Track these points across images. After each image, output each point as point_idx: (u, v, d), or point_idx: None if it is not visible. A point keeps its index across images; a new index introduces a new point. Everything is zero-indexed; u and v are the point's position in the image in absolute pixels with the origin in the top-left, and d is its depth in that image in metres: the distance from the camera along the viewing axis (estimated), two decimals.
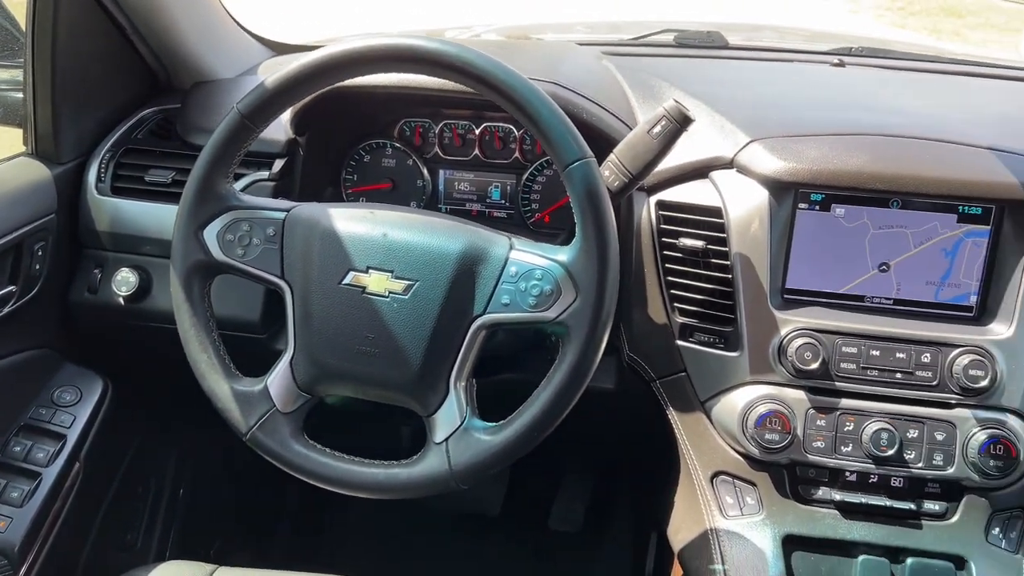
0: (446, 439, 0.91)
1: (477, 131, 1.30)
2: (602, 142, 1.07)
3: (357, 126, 1.32)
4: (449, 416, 0.92)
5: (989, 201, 1.02)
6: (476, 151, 1.31)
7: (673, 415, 1.13)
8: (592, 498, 1.78)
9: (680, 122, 0.96)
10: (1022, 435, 1.00)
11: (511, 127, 1.29)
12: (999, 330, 1.02)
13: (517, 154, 1.30)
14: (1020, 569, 1.01)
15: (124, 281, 1.24)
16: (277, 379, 0.95)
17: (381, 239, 0.92)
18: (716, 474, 1.08)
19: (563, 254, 0.90)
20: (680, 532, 1.10)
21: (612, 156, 0.99)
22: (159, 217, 1.24)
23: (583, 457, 1.80)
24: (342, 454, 0.94)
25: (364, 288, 0.91)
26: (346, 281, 0.92)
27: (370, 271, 0.91)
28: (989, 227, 1.04)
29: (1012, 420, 1.01)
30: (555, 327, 0.89)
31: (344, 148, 1.33)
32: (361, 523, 1.69)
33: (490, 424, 0.91)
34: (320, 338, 0.93)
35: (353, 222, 0.93)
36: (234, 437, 0.94)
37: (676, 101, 0.96)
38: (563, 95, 1.11)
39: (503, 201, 1.32)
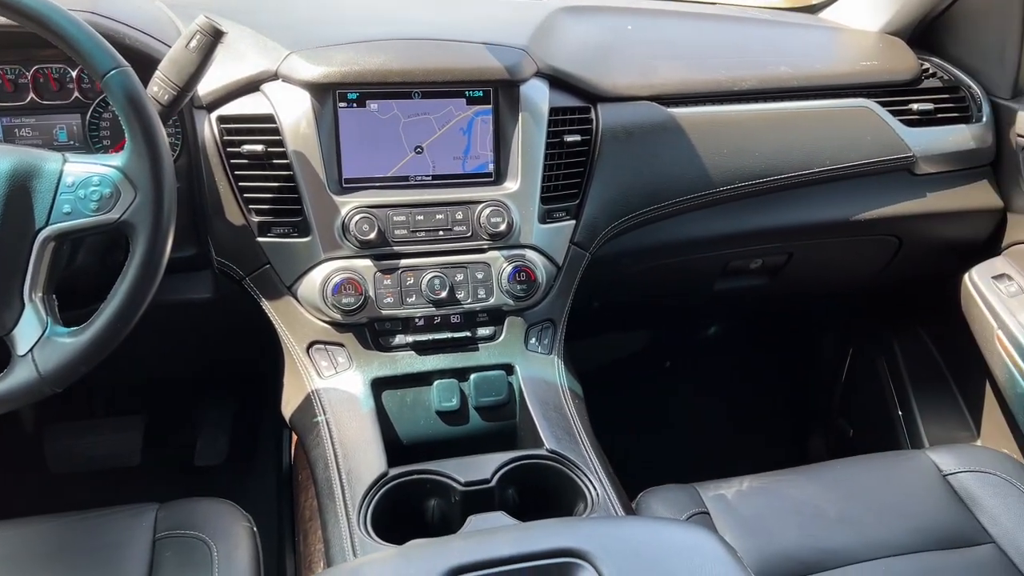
0: (30, 350, 0.96)
1: (29, 74, 1.29)
2: (149, 64, 1.15)
3: None
4: (29, 329, 0.96)
5: (486, 84, 1.27)
6: (31, 95, 1.30)
7: (266, 304, 1.26)
8: (234, 427, 1.87)
9: (213, 35, 1.07)
10: (537, 263, 1.28)
11: (66, 67, 1.30)
12: (510, 186, 1.29)
13: (77, 93, 1.31)
14: (554, 364, 1.30)
15: None
16: None
17: None
18: (311, 344, 1.24)
19: (117, 160, 0.98)
20: (289, 404, 1.25)
21: (157, 72, 1.07)
22: None
23: (218, 388, 1.88)
24: None
25: None
26: None
27: None
28: (491, 106, 1.29)
29: (529, 253, 1.29)
30: (121, 226, 0.97)
31: None
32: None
33: (73, 328, 0.97)
34: None
35: None
36: None
37: (206, 16, 1.07)
38: (101, 22, 1.17)
39: (71, 142, 1.33)
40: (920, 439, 1.84)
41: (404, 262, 1.24)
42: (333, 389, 1.20)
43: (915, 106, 1.55)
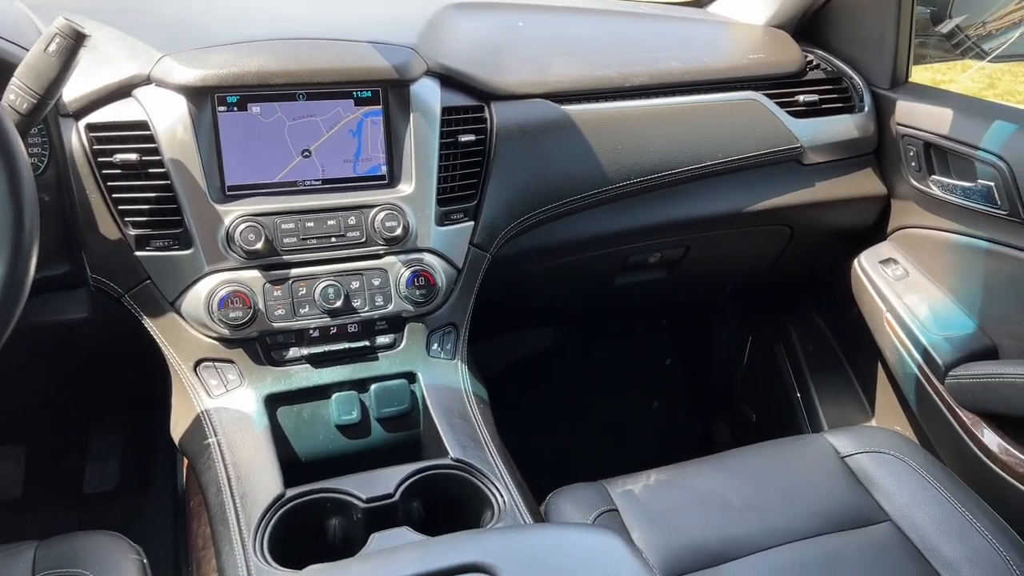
0: None
1: None
2: (5, 70, 1.06)
3: None
4: None
5: (374, 84, 1.23)
6: None
7: (148, 322, 1.19)
8: (125, 451, 1.77)
9: (74, 38, 1.00)
10: (436, 266, 1.25)
11: None
12: (404, 189, 1.25)
13: None
14: (457, 369, 1.27)
15: None
16: None
17: None
18: (198, 363, 1.18)
19: None
20: (178, 426, 1.18)
21: (14, 79, 1.00)
22: None
23: (107, 410, 1.78)
24: None
25: None
26: None
27: None
28: (381, 107, 1.25)
29: (428, 257, 1.26)
30: None
31: None
32: None
33: None
34: None
35: None
36: None
37: (65, 18, 1.00)
38: None
39: None
40: (819, 421, 1.89)
41: (295, 271, 1.19)
42: (224, 408, 1.14)
43: (801, 97, 1.59)
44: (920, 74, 1.71)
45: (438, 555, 0.79)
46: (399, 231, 1.22)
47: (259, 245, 1.15)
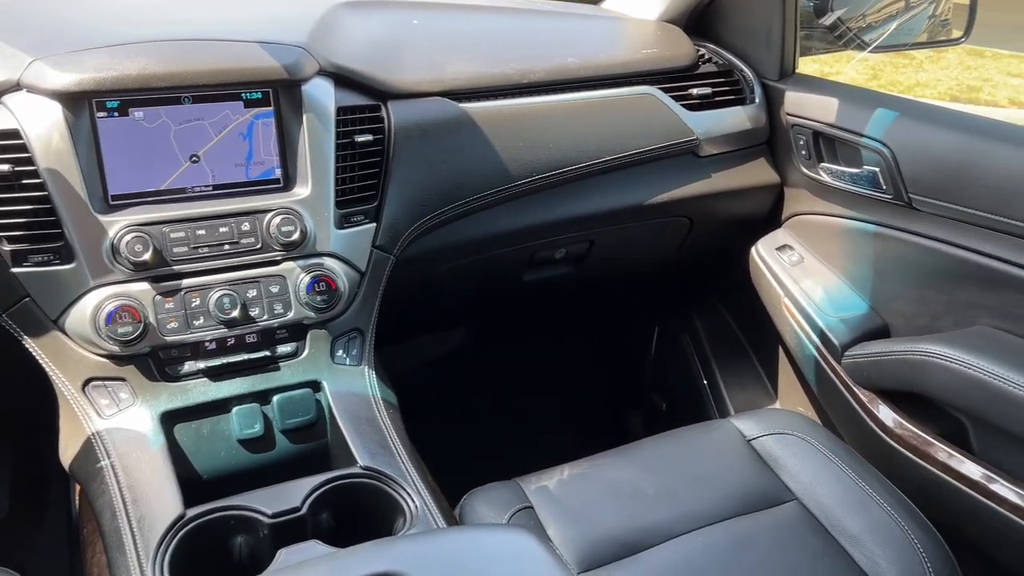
0: None
1: None
2: None
3: None
4: None
5: (264, 85, 1.19)
6: None
7: (29, 342, 1.12)
8: (15, 478, 1.67)
9: None
10: (338, 271, 1.22)
11: None
12: (300, 192, 1.22)
13: None
14: (364, 374, 1.24)
15: None
16: None
17: None
18: (87, 382, 1.12)
19: None
20: (68, 450, 1.12)
21: None
22: None
23: None
24: None
25: None
26: None
27: None
28: (272, 108, 1.21)
29: (328, 261, 1.22)
30: None
31: None
32: None
33: None
34: None
35: None
36: None
37: None
38: None
39: None
40: (726, 407, 1.94)
41: (187, 282, 1.14)
42: (117, 429, 1.09)
43: (694, 91, 1.62)
44: (809, 66, 1.77)
45: (347, 567, 0.77)
46: (296, 236, 1.19)
47: (147, 256, 1.10)
